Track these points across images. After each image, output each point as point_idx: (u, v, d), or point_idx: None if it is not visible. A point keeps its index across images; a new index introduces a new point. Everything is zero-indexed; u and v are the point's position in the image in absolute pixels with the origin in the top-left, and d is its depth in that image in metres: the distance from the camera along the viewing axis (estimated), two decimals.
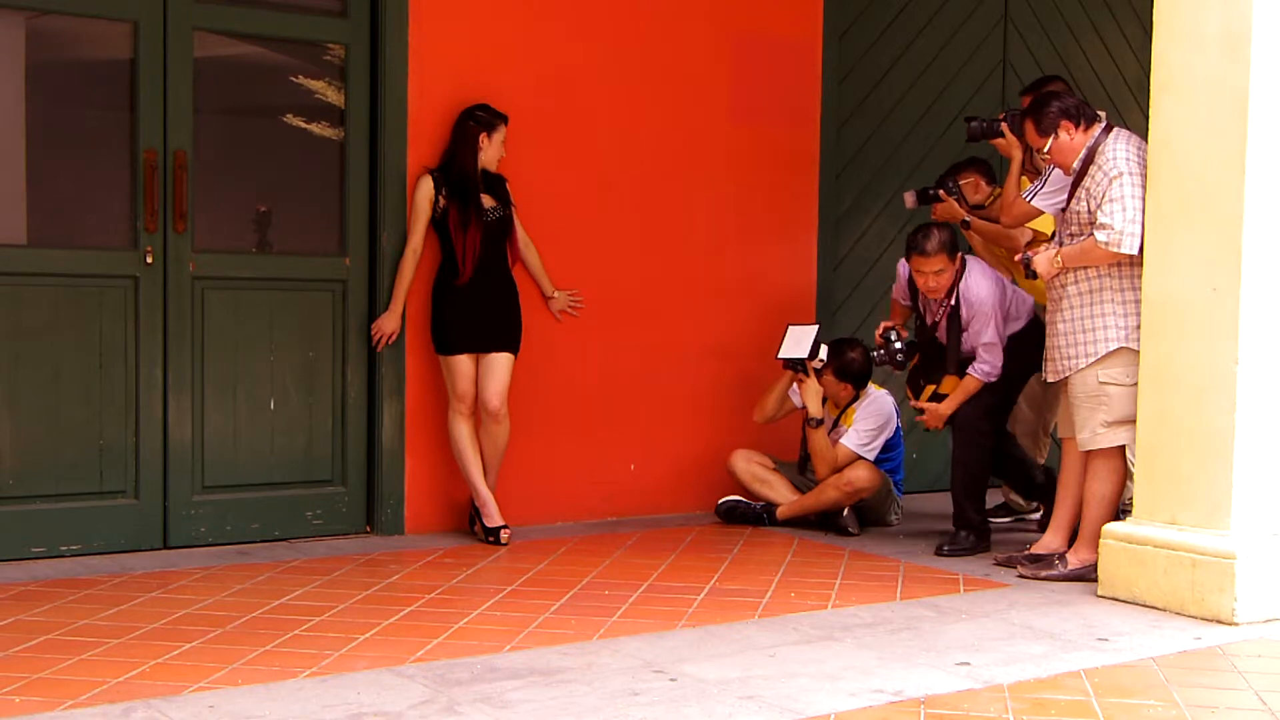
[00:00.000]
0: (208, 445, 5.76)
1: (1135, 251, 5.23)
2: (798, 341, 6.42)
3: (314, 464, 6.01)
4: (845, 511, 6.39)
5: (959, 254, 6.01)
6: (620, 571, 5.50)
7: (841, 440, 6.45)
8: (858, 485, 6.34)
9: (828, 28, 7.21)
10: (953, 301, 6.01)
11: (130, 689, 3.82)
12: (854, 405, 6.53)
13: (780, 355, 6.44)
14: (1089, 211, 5.34)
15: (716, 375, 6.86)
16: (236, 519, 5.83)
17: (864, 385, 6.54)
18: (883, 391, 6.59)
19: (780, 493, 6.57)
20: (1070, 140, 5.39)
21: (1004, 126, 5.89)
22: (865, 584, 5.39)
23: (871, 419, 6.47)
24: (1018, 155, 5.94)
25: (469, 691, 3.88)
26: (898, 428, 6.59)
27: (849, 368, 6.47)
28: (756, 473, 6.61)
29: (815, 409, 6.39)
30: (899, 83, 7.53)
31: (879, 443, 6.47)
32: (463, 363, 5.94)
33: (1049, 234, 5.94)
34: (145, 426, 5.62)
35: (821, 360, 6.41)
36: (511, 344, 6.00)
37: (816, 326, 6.50)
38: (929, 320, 6.13)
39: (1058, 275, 5.45)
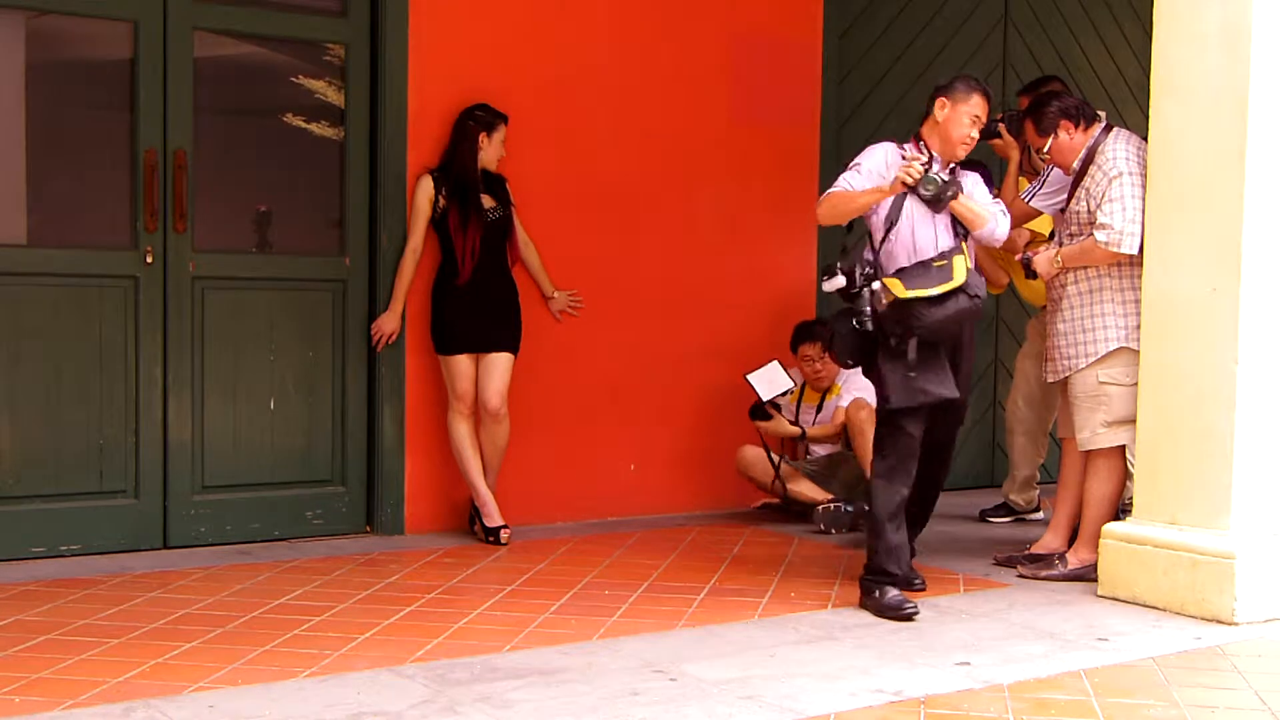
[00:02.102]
0: (208, 445, 5.76)
1: (1135, 251, 5.23)
2: (770, 381, 6.42)
3: (314, 464, 6.01)
4: (820, 509, 6.34)
5: None
6: (620, 571, 5.50)
7: (840, 403, 6.50)
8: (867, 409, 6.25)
9: (828, 28, 7.21)
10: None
11: (130, 689, 3.83)
12: (836, 383, 6.61)
13: (766, 399, 6.44)
14: (1089, 211, 5.34)
15: (716, 375, 6.85)
16: (236, 519, 5.83)
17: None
18: None
19: (797, 482, 6.53)
20: (1070, 140, 5.40)
21: (1001, 127, 5.88)
22: None
23: (859, 377, 6.30)
24: (1015, 156, 5.94)
25: (469, 691, 3.88)
26: None
27: (821, 335, 6.45)
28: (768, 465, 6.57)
29: (791, 430, 6.48)
30: (899, 83, 7.53)
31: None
32: (463, 363, 5.94)
33: (1047, 234, 5.94)
34: (145, 426, 5.62)
35: (789, 393, 6.55)
36: (511, 344, 6.00)
37: (775, 361, 6.49)
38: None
39: (1057, 275, 5.45)
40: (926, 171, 4.95)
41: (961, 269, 4.91)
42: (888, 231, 5.05)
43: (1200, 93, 4.95)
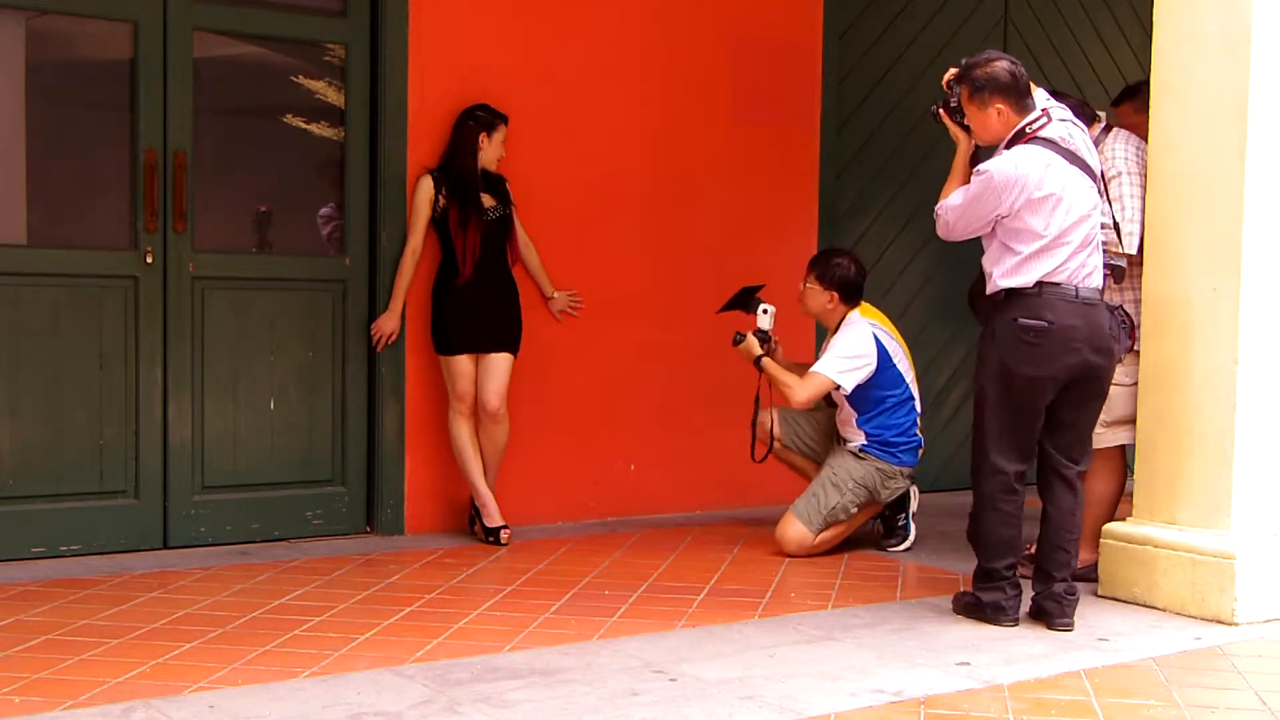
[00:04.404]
0: (208, 445, 5.76)
1: (1135, 251, 5.24)
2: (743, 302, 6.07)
3: (314, 464, 6.01)
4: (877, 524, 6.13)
5: None
6: (620, 571, 5.50)
7: (813, 367, 5.90)
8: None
9: (828, 28, 7.21)
10: None
11: (130, 689, 3.83)
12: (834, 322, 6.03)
13: (719, 309, 6.04)
14: None
15: (716, 375, 6.85)
16: (236, 519, 5.83)
17: (852, 300, 5.99)
18: (868, 321, 5.95)
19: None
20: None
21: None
22: (865, 584, 5.39)
23: (846, 345, 5.87)
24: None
25: (469, 691, 3.88)
26: (897, 374, 5.94)
27: (832, 272, 5.93)
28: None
29: (756, 351, 5.93)
30: (899, 83, 7.53)
31: (848, 368, 5.82)
32: (463, 363, 5.94)
33: None
34: (145, 426, 5.61)
35: (765, 311, 5.98)
36: (511, 344, 6.00)
37: (750, 288, 6.08)
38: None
39: None
40: None
41: None
42: None
43: (1200, 93, 4.95)
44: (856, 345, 5.89)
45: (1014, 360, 4.63)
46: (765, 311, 6.02)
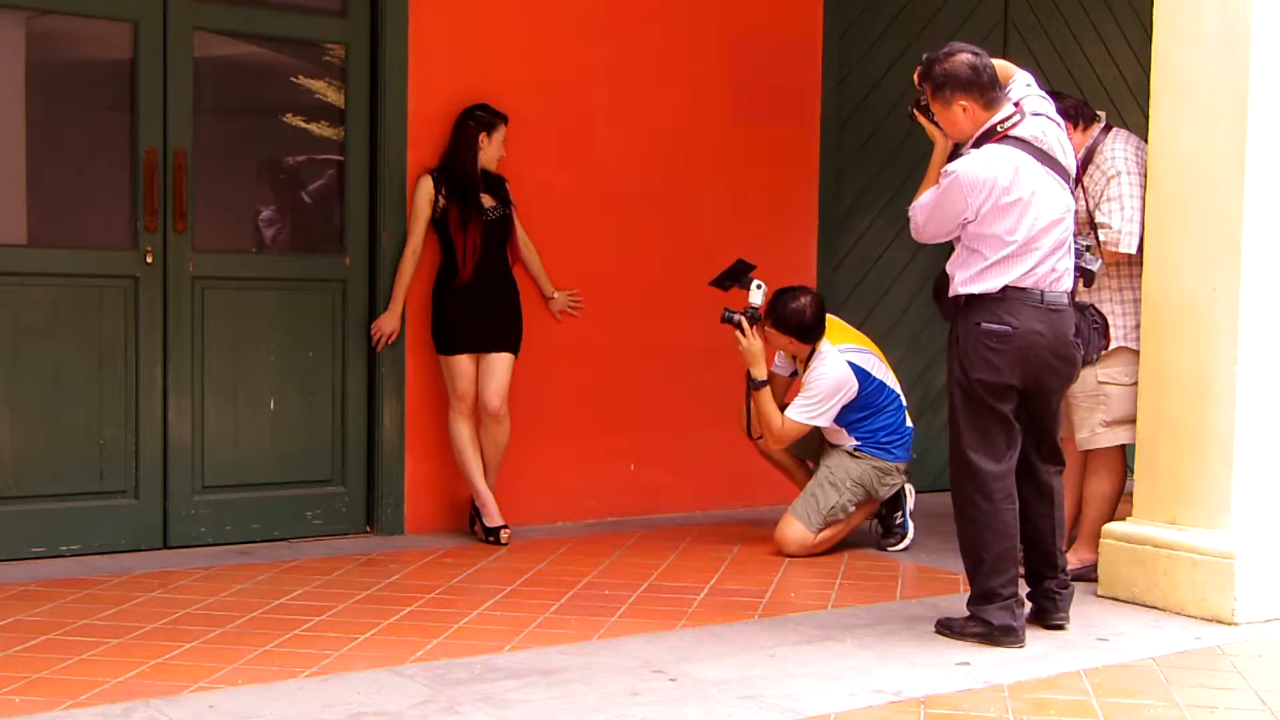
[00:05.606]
0: (208, 445, 5.76)
1: (1134, 251, 5.24)
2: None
3: (314, 464, 6.01)
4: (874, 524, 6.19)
5: None
6: (620, 571, 5.50)
7: (788, 411, 5.92)
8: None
9: (828, 28, 7.21)
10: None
11: (130, 689, 3.83)
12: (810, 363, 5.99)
13: (710, 281, 5.99)
14: (1087, 211, 5.34)
15: (716, 375, 6.84)
16: (236, 519, 5.83)
17: (812, 337, 5.94)
18: (835, 348, 5.92)
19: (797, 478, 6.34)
20: (1069, 140, 5.38)
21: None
22: (865, 584, 5.39)
23: (811, 384, 5.88)
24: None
25: (469, 691, 3.88)
26: (878, 384, 5.98)
27: (787, 319, 5.89)
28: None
29: (758, 372, 5.88)
30: (899, 83, 7.51)
31: (826, 409, 5.85)
32: (463, 363, 5.94)
33: None
34: (145, 426, 5.61)
35: (759, 286, 5.91)
36: (512, 344, 6.00)
37: (745, 263, 6.00)
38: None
39: None
40: None
41: None
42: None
43: (1200, 93, 4.95)
44: (831, 383, 5.85)
45: (973, 365, 4.51)
46: (759, 287, 5.95)
